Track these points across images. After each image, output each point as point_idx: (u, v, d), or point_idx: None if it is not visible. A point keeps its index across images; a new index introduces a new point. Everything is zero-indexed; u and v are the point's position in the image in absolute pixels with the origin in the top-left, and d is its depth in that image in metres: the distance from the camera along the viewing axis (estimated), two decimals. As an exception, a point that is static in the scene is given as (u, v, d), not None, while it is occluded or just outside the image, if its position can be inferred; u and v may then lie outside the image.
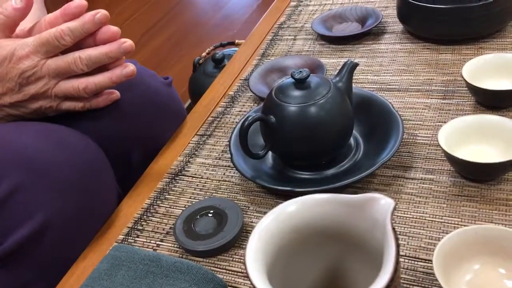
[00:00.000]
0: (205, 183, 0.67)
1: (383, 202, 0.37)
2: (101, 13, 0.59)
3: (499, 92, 0.63)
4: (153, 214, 0.64)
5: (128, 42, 0.60)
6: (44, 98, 0.61)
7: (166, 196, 0.66)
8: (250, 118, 0.59)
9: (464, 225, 0.51)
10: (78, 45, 0.60)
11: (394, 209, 0.37)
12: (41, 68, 0.59)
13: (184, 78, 1.67)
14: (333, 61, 0.86)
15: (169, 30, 2.62)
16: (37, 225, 0.53)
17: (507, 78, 0.67)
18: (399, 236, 0.53)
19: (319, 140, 0.60)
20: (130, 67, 0.61)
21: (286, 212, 0.38)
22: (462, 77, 0.66)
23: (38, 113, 0.63)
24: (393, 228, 0.36)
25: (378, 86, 0.77)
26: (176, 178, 0.69)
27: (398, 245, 0.35)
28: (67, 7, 0.59)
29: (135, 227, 0.63)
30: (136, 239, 0.61)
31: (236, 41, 1.49)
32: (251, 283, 0.34)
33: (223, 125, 0.77)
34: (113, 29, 0.60)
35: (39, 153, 0.56)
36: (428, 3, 0.82)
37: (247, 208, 0.62)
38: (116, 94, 0.67)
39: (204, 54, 1.47)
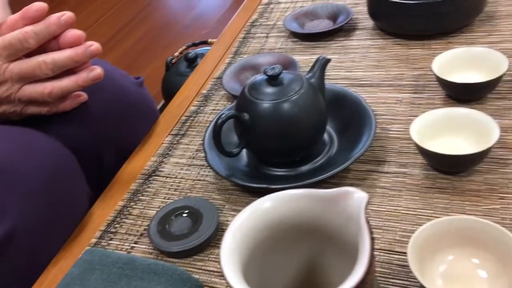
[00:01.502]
0: (179, 183, 0.66)
1: (356, 196, 0.37)
2: (67, 15, 0.57)
3: (468, 85, 0.64)
4: (127, 216, 0.63)
5: (94, 45, 0.59)
6: (7, 102, 0.59)
7: (140, 197, 0.65)
8: (223, 116, 0.59)
9: (437, 217, 0.52)
10: (41, 48, 0.58)
11: (368, 202, 0.37)
12: (4, 72, 0.57)
13: (157, 78, 1.65)
14: (305, 58, 0.86)
15: (141, 30, 2.59)
16: (2, 232, 0.52)
17: (476, 71, 0.68)
18: (374, 230, 0.54)
19: (293, 136, 0.59)
20: (97, 70, 0.60)
21: (260, 209, 0.37)
22: (432, 71, 0.67)
23: (1, 118, 0.61)
24: (367, 222, 0.36)
25: (350, 82, 0.77)
26: (149, 178, 0.68)
27: (372, 239, 0.35)
28: (26, 10, 0.56)
29: (108, 229, 0.61)
30: (110, 242, 0.60)
31: (209, 40, 1.48)
32: (227, 283, 0.34)
33: (196, 124, 0.76)
34: (78, 32, 0.58)
35: (3, 157, 0.54)
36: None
37: (222, 206, 0.61)
38: (84, 96, 0.66)
39: (176, 53, 1.45)
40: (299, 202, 0.38)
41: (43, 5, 0.57)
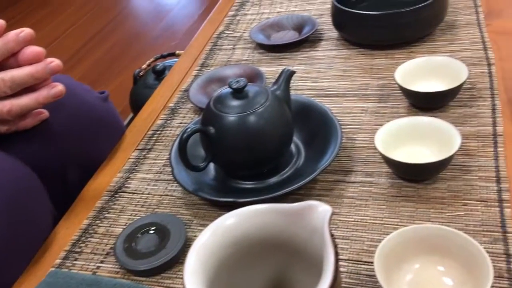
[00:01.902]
0: (146, 199, 0.65)
1: (321, 209, 0.37)
2: (25, 31, 0.56)
3: (429, 94, 0.66)
4: (92, 234, 0.62)
5: (55, 62, 0.57)
6: None
7: (106, 215, 0.64)
8: (189, 130, 0.58)
9: (404, 225, 0.52)
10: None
11: (332, 215, 0.37)
12: None
13: (126, 90, 1.63)
14: (272, 69, 0.86)
15: (109, 42, 2.56)
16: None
17: (437, 79, 0.69)
18: (342, 241, 0.54)
19: (260, 148, 0.59)
20: (58, 87, 0.58)
21: (224, 226, 0.37)
22: (395, 80, 0.68)
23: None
24: (332, 235, 0.36)
25: (316, 93, 0.78)
26: (115, 195, 0.67)
27: (337, 252, 0.35)
28: None
29: (73, 249, 0.60)
30: (75, 262, 0.58)
31: (177, 52, 1.48)
32: (191, 302, 0.33)
33: (163, 138, 0.76)
34: (38, 49, 0.57)
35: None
36: (360, 10, 0.84)
37: (190, 222, 0.60)
38: (45, 113, 0.64)
39: (144, 66, 1.44)
40: (264, 217, 0.38)
41: (1, 22, 0.55)
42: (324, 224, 0.36)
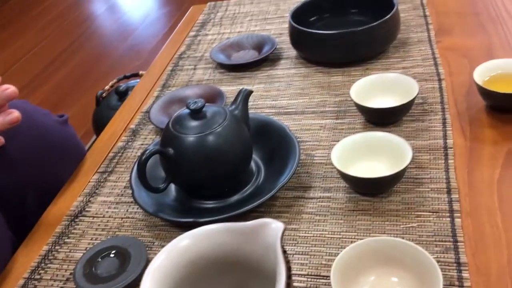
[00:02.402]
0: (107, 222, 0.65)
1: (273, 226, 0.38)
2: None
3: (382, 110, 0.68)
4: (52, 260, 0.61)
5: (11, 89, 0.57)
6: None
7: (66, 240, 0.63)
8: (147, 152, 0.58)
9: (360, 238, 0.54)
10: None
11: (284, 232, 0.38)
12: None
13: (89, 112, 1.61)
14: (233, 88, 0.87)
15: (72, 63, 2.54)
16: None
17: (391, 95, 0.72)
18: (302, 256, 0.55)
19: (219, 168, 0.60)
20: (14, 114, 0.58)
21: (178, 248, 0.37)
22: (351, 97, 0.70)
23: None
24: (284, 251, 0.37)
25: (276, 110, 0.80)
26: (76, 219, 0.66)
27: (289, 268, 0.36)
28: None
29: (32, 277, 0.59)
30: (33, 290, 0.57)
31: (140, 72, 1.48)
32: (146, 325, 0.34)
33: (124, 160, 0.75)
34: None
35: None
36: (317, 29, 0.87)
37: (152, 243, 0.60)
38: (1, 140, 0.63)
39: (107, 87, 1.43)
40: (218, 237, 0.39)
41: None
42: (276, 240, 0.37)
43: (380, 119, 0.70)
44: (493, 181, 0.59)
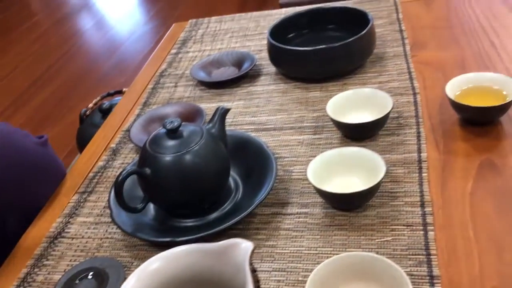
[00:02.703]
0: (86, 243, 0.65)
1: (243, 246, 0.39)
2: None
3: (358, 125, 0.69)
4: (30, 283, 0.60)
5: None
6: None
7: (45, 262, 0.63)
8: (124, 172, 0.59)
9: (336, 253, 0.54)
10: None
11: (253, 251, 0.38)
12: None
13: (74, 131, 1.61)
14: (213, 105, 0.88)
15: (56, 81, 2.53)
16: None
17: (367, 110, 0.73)
18: (278, 273, 0.55)
19: (196, 186, 0.61)
20: None
21: (148, 271, 0.38)
22: (327, 113, 0.71)
23: None
24: (254, 270, 0.38)
25: (256, 127, 0.80)
26: (55, 241, 0.66)
27: (258, 287, 0.36)
28: None
29: (10, 300, 0.59)
30: (11, 314, 0.57)
31: (124, 89, 1.48)
32: None
33: (105, 180, 0.76)
34: None
35: None
36: (295, 45, 0.88)
37: (130, 264, 0.60)
38: None
39: (91, 105, 1.43)
40: (189, 258, 0.39)
41: None
42: (245, 259, 0.37)
43: (356, 134, 0.71)
44: (465, 194, 0.60)
